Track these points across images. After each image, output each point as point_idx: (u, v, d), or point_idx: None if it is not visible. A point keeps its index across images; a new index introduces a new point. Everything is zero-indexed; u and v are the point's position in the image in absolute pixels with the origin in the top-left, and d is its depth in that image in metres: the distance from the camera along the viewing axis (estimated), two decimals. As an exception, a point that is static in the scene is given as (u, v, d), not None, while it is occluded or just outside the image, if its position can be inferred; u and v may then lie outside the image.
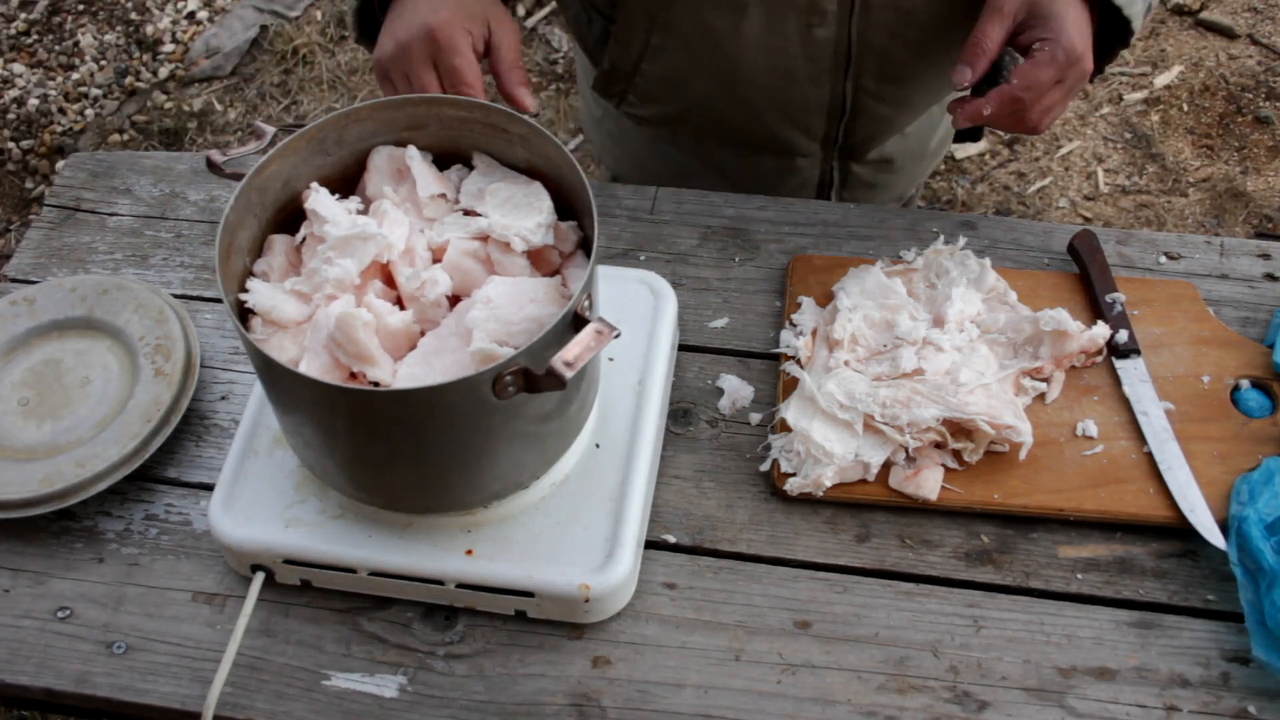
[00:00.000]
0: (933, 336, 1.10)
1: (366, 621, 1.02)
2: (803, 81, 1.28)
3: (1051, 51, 1.05)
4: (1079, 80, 1.08)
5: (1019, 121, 1.09)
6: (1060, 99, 1.09)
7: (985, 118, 1.09)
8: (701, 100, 1.35)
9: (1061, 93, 1.08)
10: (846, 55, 1.25)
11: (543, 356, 0.84)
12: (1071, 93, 1.10)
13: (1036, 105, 1.07)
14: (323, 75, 3.05)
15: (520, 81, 1.10)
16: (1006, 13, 1.08)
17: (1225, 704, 0.95)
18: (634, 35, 1.30)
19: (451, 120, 1.02)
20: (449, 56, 1.05)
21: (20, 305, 1.18)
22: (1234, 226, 2.71)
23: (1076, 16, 1.07)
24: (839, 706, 0.96)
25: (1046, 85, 1.06)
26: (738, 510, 1.06)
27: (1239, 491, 1.02)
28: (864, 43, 1.24)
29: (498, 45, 1.09)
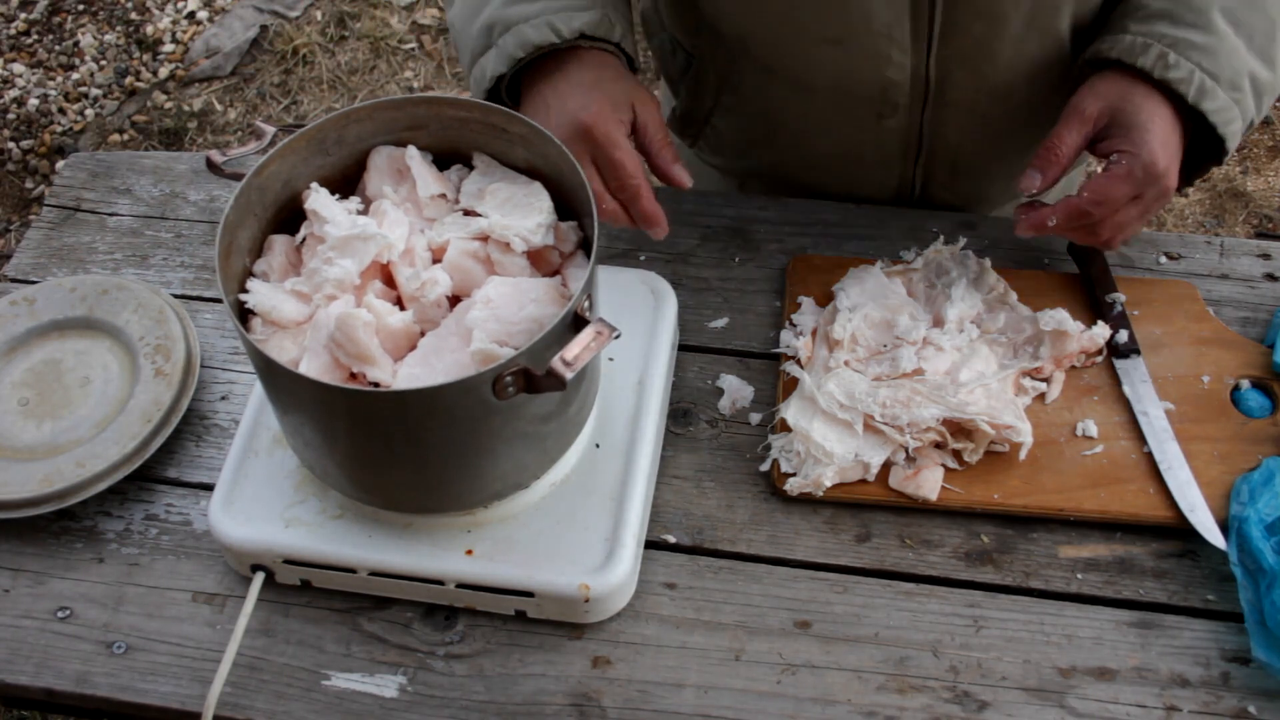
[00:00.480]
0: (933, 336, 1.10)
1: (366, 621, 1.02)
2: (870, 166, 1.25)
3: (1129, 166, 0.98)
4: (1159, 199, 1.01)
5: (1089, 235, 1.04)
6: (1137, 217, 1.02)
7: (1050, 229, 1.03)
8: (769, 166, 1.32)
9: (1138, 210, 1.01)
10: (917, 145, 1.22)
11: (543, 357, 0.84)
12: (1150, 211, 1.03)
13: (1108, 221, 1.01)
14: (323, 75, 3.06)
15: (674, 159, 1.07)
16: (1088, 117, 1.02)
17: (1225, 704, 0.95)
18: (707, 87, 1.27)
19: (451, 120, 1.02)
20: (609, 151, 1.02)
21: (20, 305, 1.18)
22: (1234, 226, 2.71)
23: (1163, 129, 0.99)
24: (839, 706, 0.96)
25: (1120, 201, 1.00)
26: (738, 510, 1.06)
27: (1239, 491, 1.02)
28: (935, 136, 1.20)
29: (644, 125, 1.06)
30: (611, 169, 1.03)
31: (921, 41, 1.09)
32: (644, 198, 1.04)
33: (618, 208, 1.05)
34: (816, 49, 1.13)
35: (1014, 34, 1.09)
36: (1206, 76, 0.99)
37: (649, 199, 1.04)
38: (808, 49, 1.14)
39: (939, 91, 1.15)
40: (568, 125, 1.03)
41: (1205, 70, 0.99)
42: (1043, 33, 1.09)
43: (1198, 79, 0.99)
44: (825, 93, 1.18)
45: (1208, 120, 1.01)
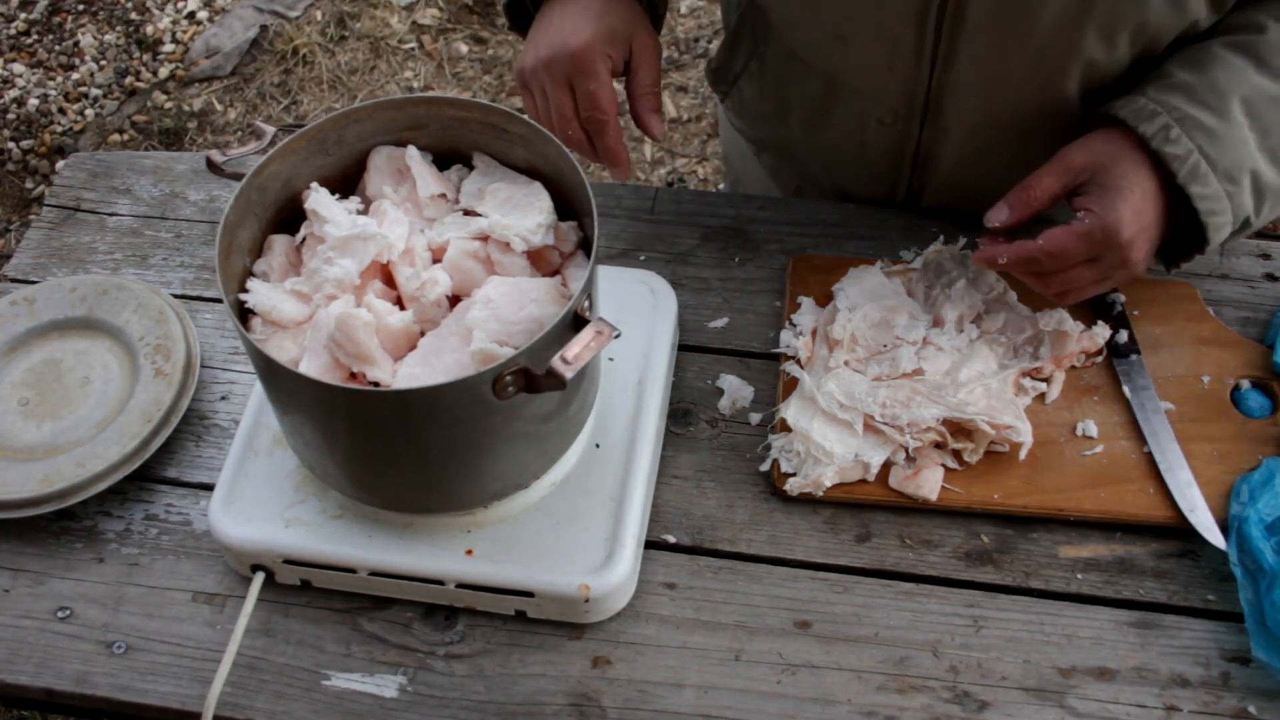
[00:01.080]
0: (932, 336, 1.10)
1: (366, 621, 1.02)
2: (871, 164, 1.25)
3: (1090, 226, 0.95)
4: (1118, 268, 0.98)
5: (1039, 283, 1.01)
6: (1092, 280, 0.99)
7: (1000, 266, 1.01)
8: (781, 140, 1.33)
9: (1094, 274, 0.98)
10: (913, 158, 1.21)
11: (543, 356, 0.84)
12: (1109, 279, 1.00)
13: (1059, 276, 0.99)
14: (323, 75, 3.05)
15: (653, 108, 1.08)
16: (1071, 168, 0.99)
17: (1225, 704, 0.95)
18: (742, 49, 1.28)
19: (451, 120, 1.02)
20: (586, 80, 1.04)
21: (20, 305, 1.18)
22: (1234, 226, 2.70)
23: (1140, 200, 0.96)
24: (839, 706, 0.96)
25: (1073, 258, 0.97)
26: (738, 510, 1.06)
27: (1239, 491, 1.02)
28: (932, 153, 1.20)
29: (636, 68, 1.08)
30: (585, 98, 1.05)
31: (924, 61, 1.09)
32: (610, 134, 1.05)
33: (583, 137, 1.07)
34: (828, 41, 1.14)
35: (1015, 84, 1.08)
36: (1204, 160, 0.96)
37: (615, 136, 1.06)
38: (821, 39, 1.14)
39: (937, 112, 1.15)
40: (556, 45, 1.04)
41: (1205, 153, 0.96)
42: (1045, 88, 1.08)
43: (1193, 160, 0.96)
44: (833, 86, 1.18)
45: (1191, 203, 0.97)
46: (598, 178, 2.82)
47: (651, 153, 2.90)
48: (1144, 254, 0.98)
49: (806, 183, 1.40)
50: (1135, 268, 0.99)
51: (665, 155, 2.89)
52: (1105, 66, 1.04)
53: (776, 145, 1.37)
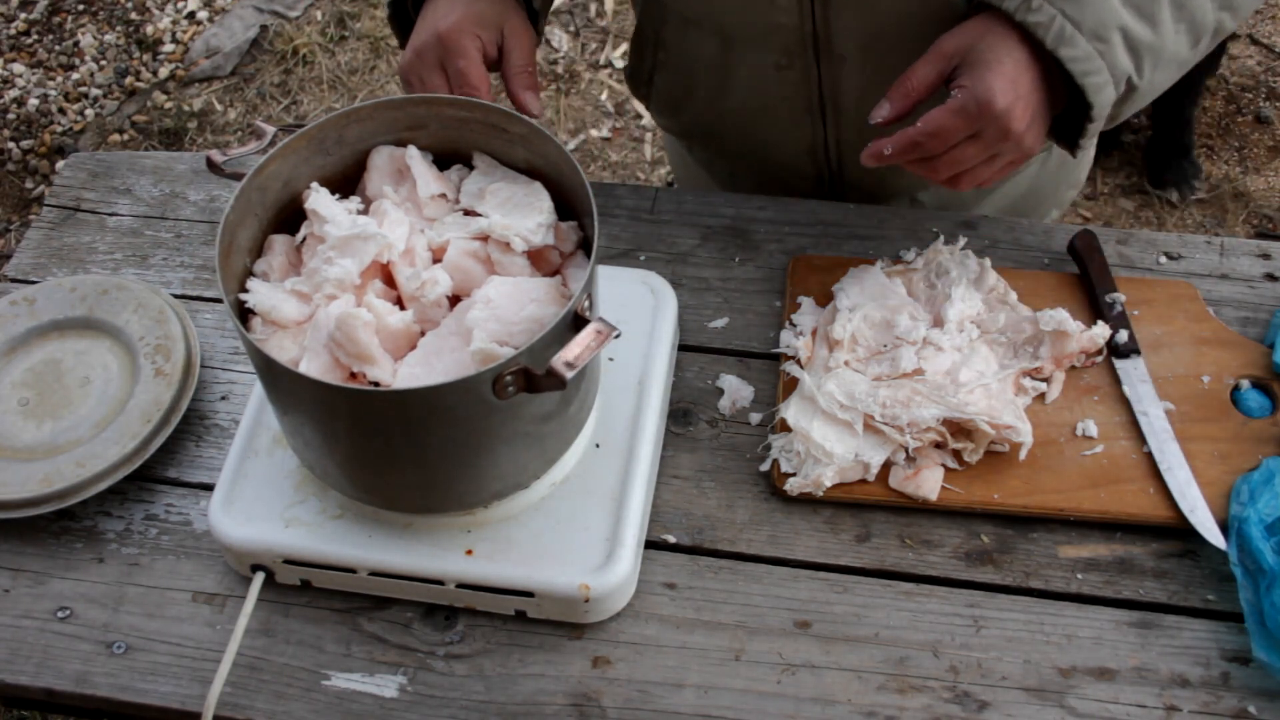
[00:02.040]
0: (933, 336, 1.10)
1: (366, 621, 1.02)
2: (783, 121, 1.26)
3: (963, 100, 0.95)
4: (1000, 141, 0.97)
5: (929, 172, 1.01)
6: (976, 156, 0.98)
7: (886, 158, 1.00)
8: (697, 123, 1.35)
9: (978, 150, 0.98)
10: (820, 103, 1.22)
11: (543, 356, 0.84)
12: (997, 155, 0.99)
13: (945, 158, 0.98)
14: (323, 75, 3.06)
15: (526, 85, 1.12)
16: (944, 54, 0.99)
17: (1225, 704, 0.95)
18: (647, 43, 1.31)
19: (451, 120, 1.02)
20: (455, 59, 1.07)
21: (20, 305, 1.18)
22: (1234, 226, 2.71)
23: (1012, 70, 0.96)
24: (839, 706, 0.96)
25: (952, 135, 0.97)
26: (738, 510, 1.06)
27: (1239, 491, 1.02)
28: (835, 93, 1.20)
29: (509, 51, 1.12)
30: (455, 77, 1.08)
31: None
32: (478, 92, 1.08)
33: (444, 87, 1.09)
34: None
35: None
36: (1068, 23, 0.96)
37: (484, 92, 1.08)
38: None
39: (827, 43, 1.15)
40: (427, 31, 1.09)
41: (1068, 16, 0.96)
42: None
43: (1058, 24, 0.96)
44: (728, 40, 1.20)
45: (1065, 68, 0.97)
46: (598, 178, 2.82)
47: (651, 153, 2.90)
48: (1025, 124, 0.98)
49: (736, 165, 1.41)
50: (1020, 140, 0.98)
51: (665, 155, 2.89)
52: None
53: (698, 131, 1.39)
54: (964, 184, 1.02)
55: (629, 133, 2.95)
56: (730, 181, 1.47)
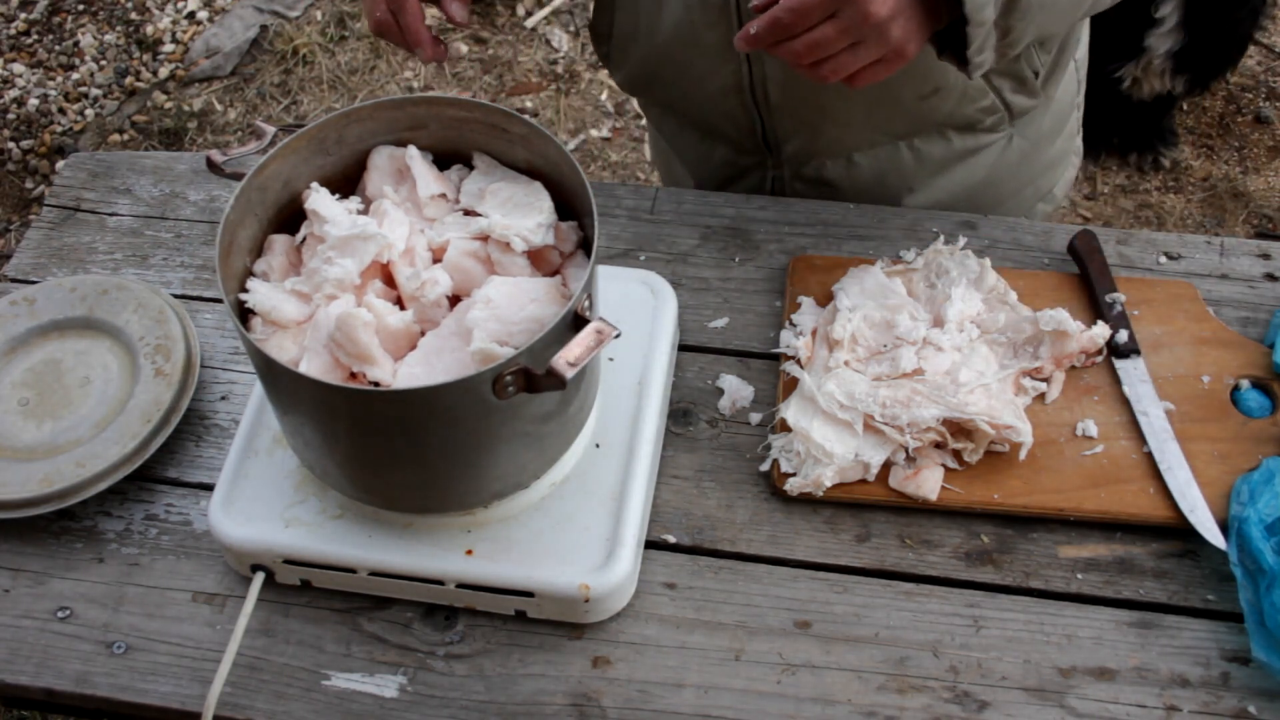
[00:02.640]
0: (933, 336, 1.10)
1: (366, 621, 1.02)
2: (710, 55, 1.24)
3: None
4: (861, 24, 0.94)
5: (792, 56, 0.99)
6: (835, 39, 0.96)
7: (752, 39, 0.98)
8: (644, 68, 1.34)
9: (836, 32, 0.95)
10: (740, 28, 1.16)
11: (543, 356, 0.84)
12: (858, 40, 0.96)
13: (804, 38, 0.96)
14: (323, 75, 3.06)
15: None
16: None
17: (1225, 704, 0.95)
18: None
19: (451, 120, 1.02)
20: None
21: (20, 305, 1.18)
22: (1234, 226, 2.71)
23: None
24: (839, 706, 0.96)
25: (812, 12, 0.94)
26: (738, 510, 1.06)
27: (1239, 491, 1.02)
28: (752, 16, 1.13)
29: None
30: None
31: None
32: (409, 12, 1.07)
33: (389, 18, 1.08)
34: None
35: None
36: None
37: (414, 16, 1.07)
38: None
39: None
40: None
41: None
42: None
43: None
44: None
45: None
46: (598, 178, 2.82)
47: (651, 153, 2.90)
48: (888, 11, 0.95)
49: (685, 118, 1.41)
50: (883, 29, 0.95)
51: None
52: None
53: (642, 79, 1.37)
54: (825, 72, 0.99)
55: (629, 133, 2.95)
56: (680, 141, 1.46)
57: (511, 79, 3.04)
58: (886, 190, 1.36)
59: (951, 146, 1.34)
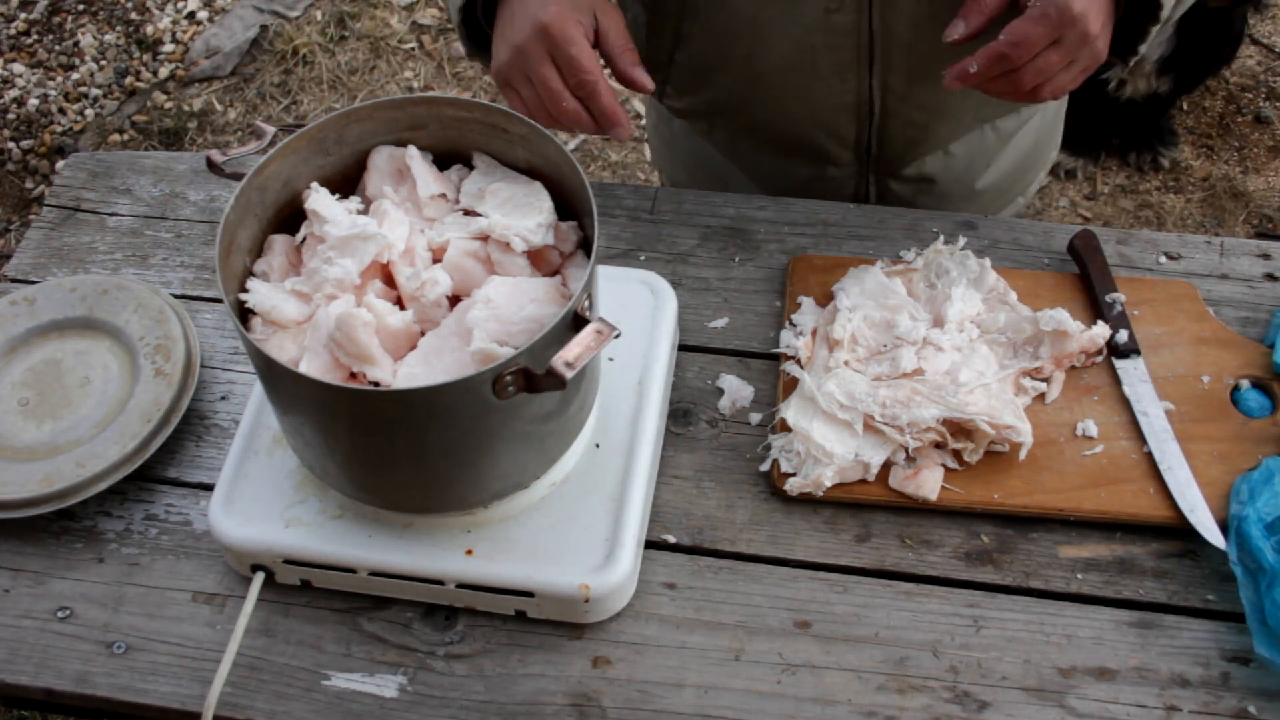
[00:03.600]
0: (933, 336, 1.10)
1: (366, 621, 1.02)
2: (826, 76, 1.24)
3: (1044, 7, 0.98)
4: (1080, 45, 1.00)
5: (1014, 85, 1.02)
6: (1059, 63, 1.00)
7: (971, 76, 1.02)
8: (730, 93, 1.32)
9: (1060, 57, 1.00)
10: (870, 48, 1.20)
11: (543, 356, 0.84)
12: (1076, 61, 1.01)
13: (1029, 67, 1.00)
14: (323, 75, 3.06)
15: (635, 62, 1.09)
16: None
17: (1225, 704, 0.95)
18: (667, 23, 1.28)
19: (451, 120, 1.02)
20: (565, 48, 1.03)
21: (20, 305, 1.18)
22: (1234, 226, 2.71)
23: None
24: (839, 706, 0.96)
25: (1036, 42, 0.98)
26: (738, 510, 1.06)
27: (1239, 491, 1.02)
28: (886, 34, 1.19)
29: (606, 31, 1.08)
30: (568, 66, 1.04)
31: None
32: (602, 94, 1.05)
33: (578, 107, 1.06)
34: None
35: None
36: None
37: (608, 96, 1.06)
38: None
39: None
40: (527, 25, 1.04)
41: None
42: None
43: None
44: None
45: None
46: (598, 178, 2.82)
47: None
48: (1099, 27, 1.00)
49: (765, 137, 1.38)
50: (1095, 44, 1.00)
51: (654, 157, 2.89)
52: None
53: (725, 105, 1.36)
54: (1045, 93, 1.03)
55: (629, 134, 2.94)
56: (753, 159, 1.43)
57: (511, 79, 3.04)
58: (973, 172, 1.41)
59: (1020, 117, 1.38)
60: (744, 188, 1.47)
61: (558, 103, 1.06)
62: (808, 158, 1.37)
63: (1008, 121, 1.38)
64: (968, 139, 1.38)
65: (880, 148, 1.34)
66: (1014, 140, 1.41)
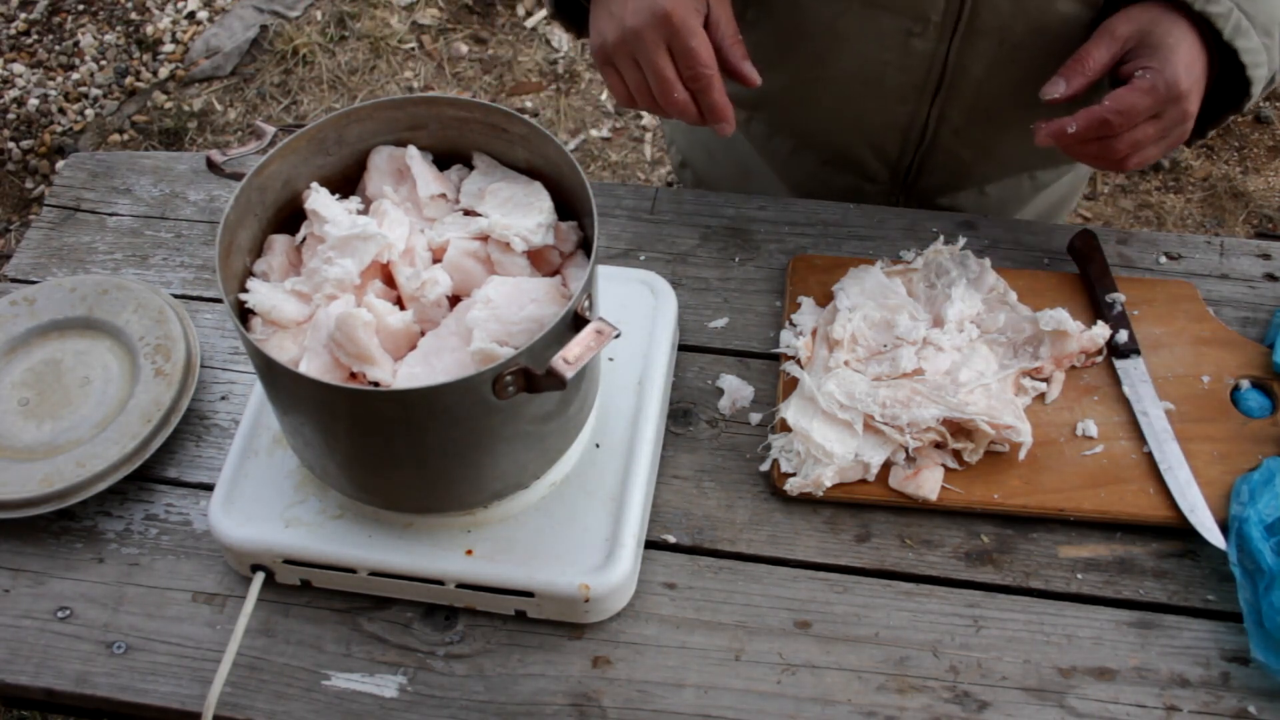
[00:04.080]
0: (933, 336, 1.10)
1: (366, 621, 1.02)
2: (889, 95, 1.23)
3: (1153, 80, 0.99)
4: (1177, 122, 1.02)
5: (1105, 151, 1.03)
6: (1153, 137, 1.02)
7: (1068, 136, 1.02)
8: (784, 89, 1.29)
9: (1156, 130, 1.02)
10: (940, 77, 1.20)
11: (543, 356, 0.84)
12: (1167, 135, 1.03)
13: (1126, 136, 1.01)
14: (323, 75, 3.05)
15: (743, 56, 1.07)
16: (1118, 37, 1.03)
17: (1225, 704, 0.95)
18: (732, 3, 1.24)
19: (451, 120, 1.02)
20: (685, 38, 1.01)
21: (20, 305, 1.18)
22: (1234, 226, 2.71)
23: (1189, 55, 1.01)
24: (839, 706, 0.96)
25: (1139, 114, 1.00)
26: (738, 510, 1.06)
27: (1239, 491, 1.02)
28: (960, 68, 1.18)
29: (717, 21, 1.05)
30: (686, 57, 1.02)
31: None
32: (715, 89, 1.03)
33: (687, 99, 1.04)
34: None
35: None
36: (1243, 16, 1.01)
37: (720, 91, 1.04)
38: None
39: (973, 12, 1.12)
40: (644, 8, 1.01)
41: (1243, 9, 1.01)
42: None
43: (1235, 17, 1.01)
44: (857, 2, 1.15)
45: (1236, 61, 1.02)
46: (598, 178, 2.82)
47: (651, 153, 2.90)
48: (1195, 108, 1.02)
49: (805, 140, 1.36)
50: (1188, 123, 1.03)
51: (665, 155, 2.89)
52: None
53: (773, 99, 1.33)
54: (1132, 163, 1.04)
55: (629, 133, 2.95)
56: (787, 159, 1.41)
57: (511, 79, 3.04)
58: (1003, 213, 1.42)
59: (1058, 170, 1.39)
60: (767, 184, 1.45)
61: (668, 92, 1.04)
62: (845, 168, 1.36)
63: (1048, 173, 1.38)
64: (1005, 182, 1.38)
65: (919, 175, 1.33)
66: (1048, 190, 1.42)
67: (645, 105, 1.07)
